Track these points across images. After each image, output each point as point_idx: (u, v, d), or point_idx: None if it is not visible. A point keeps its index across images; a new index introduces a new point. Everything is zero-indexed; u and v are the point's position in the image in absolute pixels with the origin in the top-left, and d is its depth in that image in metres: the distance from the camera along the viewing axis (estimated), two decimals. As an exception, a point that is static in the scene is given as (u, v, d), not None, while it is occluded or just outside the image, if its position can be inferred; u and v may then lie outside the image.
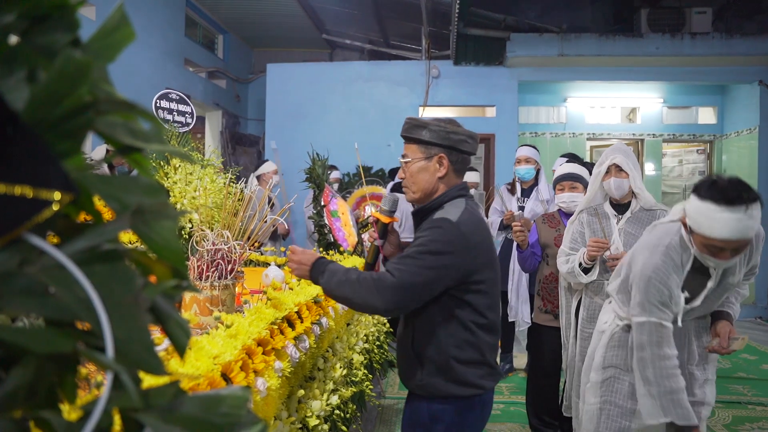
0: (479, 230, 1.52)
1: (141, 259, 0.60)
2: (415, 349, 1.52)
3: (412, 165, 1.59)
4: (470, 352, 1.50)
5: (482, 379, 1.52)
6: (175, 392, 0.54)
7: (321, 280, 1.47)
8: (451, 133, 1.55)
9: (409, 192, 1.61)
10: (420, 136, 1.56)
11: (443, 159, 1.56)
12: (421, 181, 1.58)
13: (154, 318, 0.57)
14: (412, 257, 1.43)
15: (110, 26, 0.57)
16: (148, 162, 0.63)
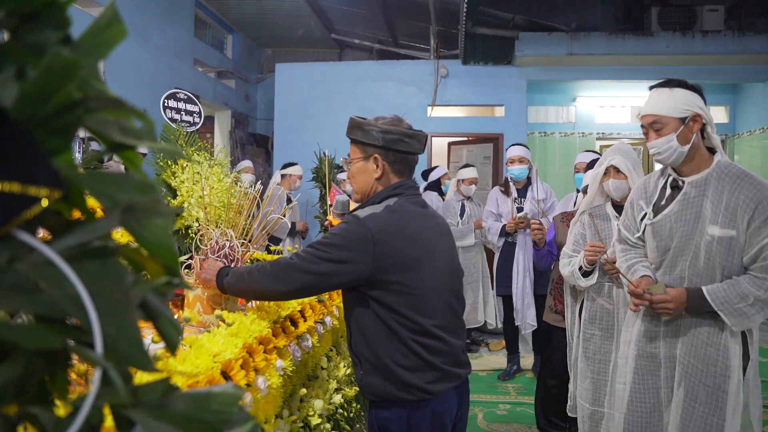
0: (398, 227, 1.44)
1: (133, 256, 0.60)
2: (353, 349, 1.50)
3: (353, 166, 1.58)
4: (409, 357, 1.42)
5: (430, 384, 1.42)
6: (166, 389, 0.55)
7: (226, 279, 1.47)
8: (385, 132, 1.50)
9: (353, 192, 1.61)
10: (357, 136, 1.56)
11: (378, 159, 1.53)
12: (359, 182, 1.57)
13: (145, 315, 0.57)
14: (313, 247, 1.43)
15: (102, 24, 0.57)
16: (139, 159, 0.63)
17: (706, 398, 1.73)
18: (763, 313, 1.67)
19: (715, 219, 1.68)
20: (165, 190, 3.47)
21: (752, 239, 1.64)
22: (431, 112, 6.94)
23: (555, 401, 2.80)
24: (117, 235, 0.62)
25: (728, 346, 1.72)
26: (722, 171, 1.72)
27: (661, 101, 1.74)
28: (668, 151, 1.73)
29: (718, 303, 1.67)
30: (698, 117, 1.72)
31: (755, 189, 1.65)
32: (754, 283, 1.65)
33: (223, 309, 1.58)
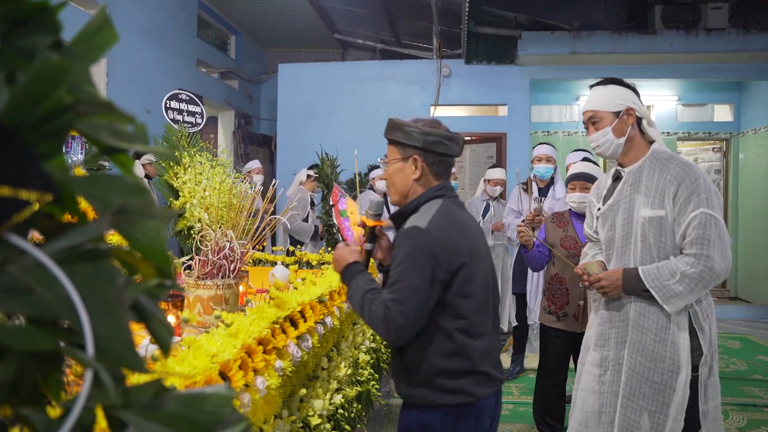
0: (455, 231, 1.47)
1: (126, 258, 0.61)
2: (403, 360, 1.50)
3: (390, 166, 1.59)
4: (458, 362, 1.45)
5: (473, 386, 1.47)
6: (158, 390, 0.55)
7: (347, 291, 1.53)
8: (425, 134, 1.51)
9: (390, 192, 1.63)
10: (396, 137, 1.55)
11: (417, 161, 1.54)
12: (397, 183, 1.58)
13: (137, 317, 0.58)
14: (400, 281, 1.41)
15: (93, 28, 0.57)
16: (131, 163, 0.63)
17: (653, 395, 1.75)
18: (693, 292, 1.69)
19: (646, 202, 1.77)
20: (167, 190, 3.48)
21: (679, 218, 1.71)
22: (434, 111, 6.93)
23: (550, 402, 2.79)
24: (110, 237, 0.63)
25: (676, 341, 1.74)
26: (654, 158, 1.81)
27: (597, 98, 1.88)
28: (606, 143, 1.85)
29: (650, 280, 1.72)
30: (631, 111, 1.83)
31: (679, 169, 1.73)
32: (682, 260, 1.70)
33: (223, 310, 1.58)
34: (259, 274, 2.75)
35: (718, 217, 1.69)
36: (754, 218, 6.75)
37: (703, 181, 1.70)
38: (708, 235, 1.66)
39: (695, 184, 1.70)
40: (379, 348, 2.70)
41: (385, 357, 2.75)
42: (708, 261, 1.65)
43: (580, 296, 2.69)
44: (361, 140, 6.91)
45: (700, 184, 1.69)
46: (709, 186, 1.71)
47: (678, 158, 1.79)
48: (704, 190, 1.69)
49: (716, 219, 1.68)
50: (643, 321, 1.78)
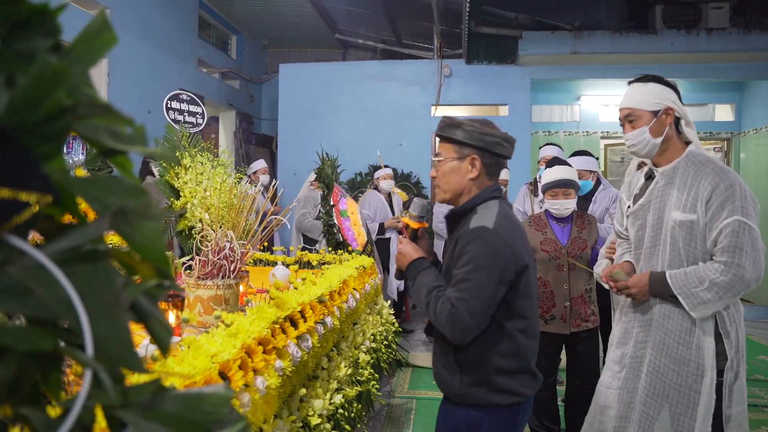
0: (516, 232, 1.51)
1: (126, 259, 0.61)
2: (458, 359, 1.50)
3: (445, 164, 1.57)
4: (514, 361, 1.49)
5: (523, 386, 1.50)
6: (156, 389, 0.55)
7: (411, 287, 1.55)
8: (485, 134, 1.52)
9: (440, 192, 1.61)
10: (454, 135, 1.54)
11: (476, 160, 1.54)
12: (452, 182, 1.57)
13: (136, 317, 0.58)
14: (468, 280, 1.42)
15: (92, 31, 0.58)
16: (131, 164, 0.64)
17: (678, 398, 1.73)
18: (721, 300, 1.66)
19: (678, 205, 1.73)
20: (168, 191, 3.48)
21: (711, 224, 1.68)
22: (435, 111, 6.94)
23: (544, 404, 2.79)
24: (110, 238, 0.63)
25: (701, 345, 1.72)
26: (689, 159, 1.76)
27: (635, 95, 1.82)
28: (641, 143, 1.80)
29: (678, 286, 1.70)
30: (670, 110, 1.78)
31: (714, 174, 1.69)
32: (711, 267, 1.67)
33: (223, 310, 1.59)
34: (259, 274, 2.76)
35: (753, 226, 1.64)
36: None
37: (739, 188, 1.66)
38: (741, 244, 1.62)
39: (730, 190, 1.65)
40: (379, 348, 2.70)
41: (386, 357, 2.75)
42: (739, 270, 1.62)
43: (565, 298, 2.69)
44: (362, 140, 6.92)
45: (735, 191, 1.65)
46: (746, 193, 1.67)
47: (714, 162, 1.74)
48: (739, 198, 1.65)
49: (750, 227, 1.63)
50: (668, 323, 1.76)
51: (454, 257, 1.50)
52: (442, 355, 1.56)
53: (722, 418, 1.75)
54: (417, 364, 4.29)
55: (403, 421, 3.18)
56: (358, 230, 4.10)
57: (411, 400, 3.55)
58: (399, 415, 3.27)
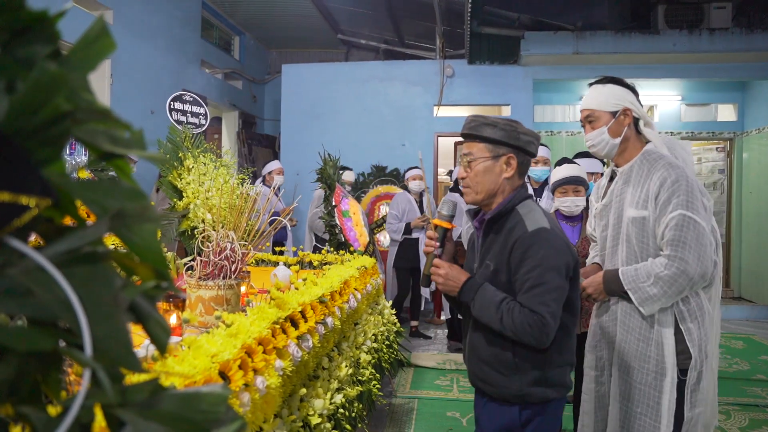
0: (561, 231, 1.52)
1: (124, 260, 0.62)
2: (519, 360, 1.48)
3: (477, 164, 1.53)
4: (567, 355, 1.52)
5: (569, 378, 1.54)
6: (154, 389, 0.56)
7: (472, 307, 1.49)
8: (521, 133, 1.51)
9: (470, 193, 1.56)
10: (489, 134, 1.51)
11: (512, 159, 1.52)
12: (486, 182, 1.53)
13: (134, 317, 0.59)
14: (542, 284, 1.41)
15: (91, 36, 0.59)
16: (129, 168, 0.65)
17: (639, 397, 1.72)
18: (666, 295, 1.64)
19: (632, 202, 1.75)
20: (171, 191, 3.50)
21: (659, 218, 1.68)
22: (437, 111, 6.94)
23: None
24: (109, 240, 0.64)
25: (661, 341, 1.69)
26: (644, 158, 1.78)
27: (594, 96, 1.85)
28: (601, 143, 1.83)
29: (627, 282, 1.71)
30: (628, 111, 1.80)
31: (663, 169, 1.69)
32: (657, 262, 1.66)
33: (224, 310, 1.60)
34: (261, 274, 2.77)
35: (698, 220, 1.62)
36: (758, 218, 6.73)
37: (685, 182, 1.65)
38: (683, 238, 1.61)
39: (676, 184, 1.65)
40: (380, 348, 2.71)
41: (387, 357, 2.76)
42: (681, 264, 1.60)
43: None
44: (365, 140, 6.94)
45: (681, 185, 1.64)
46: (692, 188, 1.65)
47: (666, 158, 1.74)
48: (685, 191, 1.63)
49: (695, 222, 1.61)
50: (629, 320, 1.76)
51: (510, 261, 1.47)
52: (493, 358, 1.51)
53: (683, 420, 1.71)
54: (419, 364, 4.30)
55: (404, 421, 3.19)
56: (360, 231, 4.11)
57: (413, 399, 3.56)
58: (401, 415, 3.28)
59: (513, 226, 1.50)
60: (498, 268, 1.50)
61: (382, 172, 6.78)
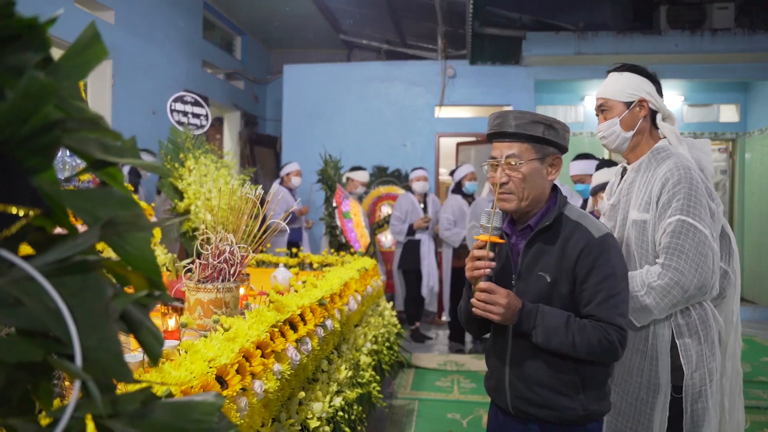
0: None
1: (117, 269, 0.62)
2: (583, 378, 1.37)
3: (525, 167, 1.37)
4: (611, 365, 1.46)
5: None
6: (146, 399, 0.56)
7: (534, 335, 1.33)
8: (566, 131, 1.41)
9: (513, 199, 1.39)
10: (539, 133, 1.37)
11: (558, 160, 1.41)
12: (535, 186, 1.38)
13: (126, 327, 0.59)
14: (617, 294, 1.33)
15: (82, 44, 0.58)
16: (121, 175, 0.64)
17: (629, 412, 1.59)
18: (659, 307, 1.51)
19: (636, 203, 1.63)
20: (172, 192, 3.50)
21: (658, 222, 1.56)
22: (439, 112, 6.93)
23: None
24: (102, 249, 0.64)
25: (656, 356, 1.57)
26: (653, 155, 1.64)
27: (609, 84, 1.70)
28: (612, 135, 1.68)
29: None
30: (644, 102, 1.65)
31: (667, 169, 1.56)
32: (652, 270, 1.53)
33: (223, 313, 1.60)
34: (262, 276, 2.77)
35: (699, 227, 1.48)
36: (761, 218, 6.71)
37: (687, 185, 1.51)
38: (680, 246, 1.47)
39: (677, 187, 1.51)
40: (380, 350, 2.70)
41: (387, 359, 2.76)
42: (675, 274, 1.46)
43: None
44: (366, 141, 6.93)
45: (682, 188, 1.51)
46: (696, 190, 1.51)
47: (675, 157, 1.58)
48: (686, 195, 1.50)
49: (695, 229, 1.47)
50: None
51: (576, 271, 1.35)
52: (554, 381, 1.37)
53: None
54: (420, 365, 4.29)
55: (405, 423, 3.19)
56: (361, 232, 4.11)
57: (413, 401, 3.55)
58: (401, 417, 3.28)
59: (571, 233, 1.37)
60: (557, 280, 1.36)
61: (383, 172, 6.77)
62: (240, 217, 1.74)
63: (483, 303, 1.33)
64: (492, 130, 1.43)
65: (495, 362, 1.48)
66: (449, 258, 4.83)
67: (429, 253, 5.04)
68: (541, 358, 1.38)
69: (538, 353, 1.38)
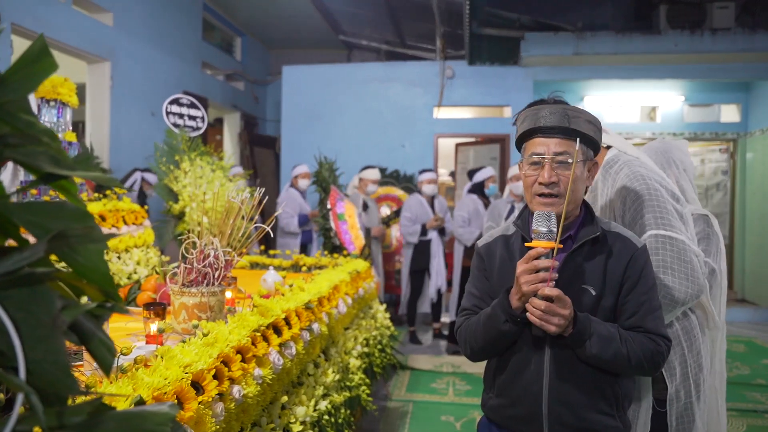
0: None
1: (72, 281, 0.62)
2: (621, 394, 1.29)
3: (577, 168, 1.25)
4: None
5: None
6: (95, 410, 0.56)
7: (588, 346, 1.21)
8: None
9: (560, 203, 1.25)
10: (592, 134, 1.25)
11: (596, 166, 1.33)
12: (580, 190, 1.28)
13: (77, 338, 0.59)
14: (659, 305, 1.29)
15: (30, 58, 0.59)
16: (75, 188, 0.65)
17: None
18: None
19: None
20: (167, 194, 3.51)
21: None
22: (438, 112, 6.93)
23: None
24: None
25: None
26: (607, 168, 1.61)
27: None
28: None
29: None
30: None
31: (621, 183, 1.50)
32: None
33: (207, 317, 1.60)
34: (255, 278, 2.77)
35: (673, 235, 1.42)
36: (762, 219, 6.68)
37: (647, 196, 1.45)
38: (662, 262, 1.41)
39: (638, 202, 1.46)
40: (372, 352, 2.71)
41: (379, 361, 2.76)
42: (666, 291, 1.40)
43: None
44: (365, 141, 6.94)
45: (644, 201, 1.45)
46: (657, 199, 1.45)
47: (628, 168, 1.52)
48: (650, 207, 1.44)
49: (670, 238, 1.42)
50: None
51: (624, 283, 1.27)
52: (598, 398, 1.26)
53: None
54: (415, 366, 4.29)
55: (398, 425, 3.19)
56: (356, 233, 4.11)
57: (408, 403, 3.55)
58: (394, 419, 3.28)
59: (613, 244, 1.29)
60: (603, 294, 1.27)
61: (382, 173, 6.78)
62: (225, 220, 1.74)
63: (544, 313, 1.17)
64: (542, 123, 1.25)
65: (525, 387, 1.29)
66: (460, 256, 4.84)
67: (438, 252, 5.09)
68: (584, 375, 1.25)
69: (579, 370, 1.25)
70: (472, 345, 1.35)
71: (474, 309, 1.39)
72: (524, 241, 1.30)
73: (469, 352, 1.38)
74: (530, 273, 1.18)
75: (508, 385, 1.33)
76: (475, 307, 1.39)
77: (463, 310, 1.43)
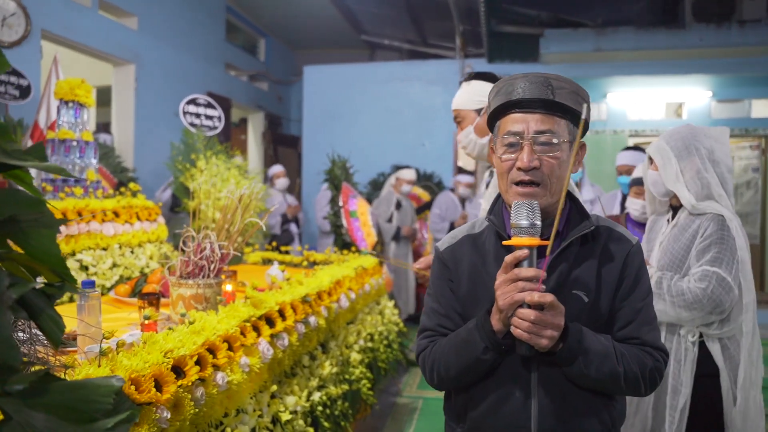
0: None
1: (27, 262, 0.68)
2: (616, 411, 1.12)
3: (562, 150, 1.04)
4: None
5: None
6: (38, 380, 0.61)
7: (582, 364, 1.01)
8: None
9: (542, 194, 1.04)
10: (581, 109, 1.04)
11: (584, 150, 1.13)
12: (561, 179, 1.04)
13: (26, 313, 0.64)
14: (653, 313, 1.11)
15: (-19, 59, 0.64)
16: (30, 177, 0.70)
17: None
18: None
19: None
20: (183, 192, 3.62)
21: None
22: (457, 111, 6.92)
23: None
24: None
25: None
26: None
27: (460, 95, 1.74)
28: (470, 143, 1.72)
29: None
30: None
31: None
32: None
33: (203, 308, 1.66)
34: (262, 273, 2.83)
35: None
36: (794, 218, 6.46)
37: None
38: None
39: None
40: (377, 347, 2.74)
41: (384, 357, 2.79)
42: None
43: None
44: (385, 140, 6.98)
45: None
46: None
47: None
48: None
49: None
50: None
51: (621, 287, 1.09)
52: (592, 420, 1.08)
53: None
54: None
55: (405, 421, 3.22)
56: (368, 230, 4.15)
57: (417, 399, 3.57)
58: (403, 414, 3.31)
59: (607, 241, 1.10)
60: (597, 299, 1.07)
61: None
62: (225, 215, 1.80)
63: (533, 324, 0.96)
64: (519, 96, 1.03)
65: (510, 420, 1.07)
66: None
67: None
68: (577, 400, 1.06)
69: (572, 394, 1.06)
70: (441, 374, 1.11)
71: (438, 330, 1.15)
72: (501, 239, 1.08)
73: (436, 381, 1.13)
74: (508, 284, 0.97)
75: (485, 419, 1.10)
76: (440, 327, 1.15)
77: (424, 331, 1.18)
